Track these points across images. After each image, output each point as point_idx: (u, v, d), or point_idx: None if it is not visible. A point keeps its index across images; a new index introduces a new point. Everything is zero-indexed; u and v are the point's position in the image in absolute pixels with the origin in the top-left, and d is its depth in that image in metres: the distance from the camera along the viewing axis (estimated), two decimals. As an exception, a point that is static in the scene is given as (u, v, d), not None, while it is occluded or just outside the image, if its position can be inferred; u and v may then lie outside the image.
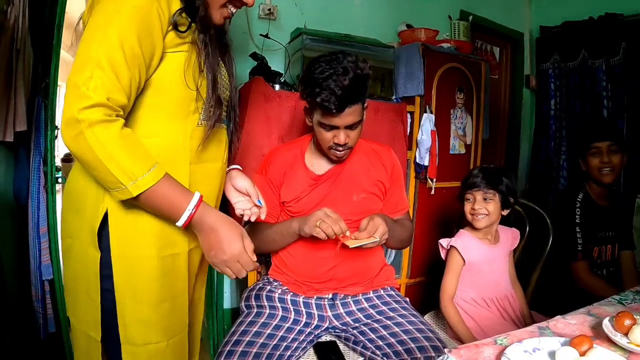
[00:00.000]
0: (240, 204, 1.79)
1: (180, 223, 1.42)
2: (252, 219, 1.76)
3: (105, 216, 1.45)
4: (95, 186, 1.44)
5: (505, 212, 2.54)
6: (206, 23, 1.54)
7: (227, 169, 1.84)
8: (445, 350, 1.32)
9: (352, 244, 1.96)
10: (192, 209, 1.41)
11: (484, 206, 2.46)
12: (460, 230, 2.59)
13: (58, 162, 4.36)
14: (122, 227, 1.46)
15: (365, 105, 2.14)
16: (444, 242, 2.57)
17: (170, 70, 1.47)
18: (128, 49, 1.31)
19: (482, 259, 2.48)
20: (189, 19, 1.48)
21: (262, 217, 1.78)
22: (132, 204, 1.41)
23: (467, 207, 2.53)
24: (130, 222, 1.46)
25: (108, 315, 1.49)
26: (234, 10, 1.64)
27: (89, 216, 1.47)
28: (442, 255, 2.61)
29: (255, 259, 1.52)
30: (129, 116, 1.44)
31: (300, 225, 2.08)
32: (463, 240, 2.50)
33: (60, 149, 4.16)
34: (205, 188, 1.60)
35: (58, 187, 3.08)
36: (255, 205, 1.77)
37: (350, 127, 2.07)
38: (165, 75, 1.47)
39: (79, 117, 1.23)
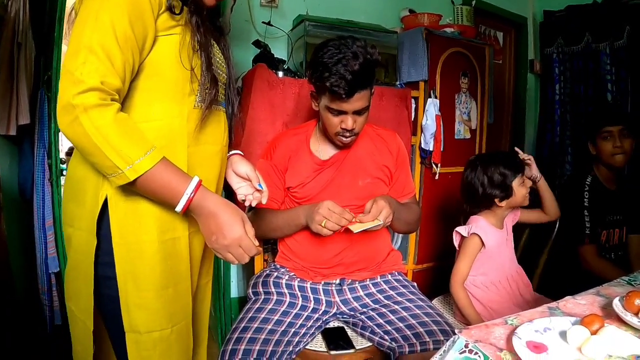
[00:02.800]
0: (242, 190, 1.79)
1: (178, 208, 1.40)
2: (253, 204, 1.74)
3: (105, 203, 1.44)
4: (94, 174, 1.43)
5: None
6: (198, 4, 1.53)
7: (228, 154, 1.83)
8: (456, 331, 1.32)
9: (355, 228, 1.96)
10: (191, 193, 1.39)
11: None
12: (473, 217, 2.57)
13: (62, 154, 4.36)
14: (122, 213, 1.44)
15: (373, 91, 2.12)
16: (462, 230, 2.54)
17: (163, 53, 1.47)
18: (120, 33, 1.31)
19: (495, 244, 2.48)
20: (181, 1, 1.49)
21: (264, 201, 1.76)
22: (131, 189, 1.40)
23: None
24: (130, 208, 1.45)
25: (111, 304, 1.48)
26: None
27: (89, 204, 1.45)
28: (456, 243, 2.60)
29: (257, 243, 1.50)
30: (125, 101, 1.43)
31: (307, 219, 2.09)
32: (483, 226, 2.48)
33: (64, 142, 4.16)
34: (204, 171, 1.60)
35: (63, 179, 3.09)
36: (257, 190, 1.76)
37: (358, 112, 2.06)
38: (159, 58, 1.46)
39: (73, 103, 1.23)
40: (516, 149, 2.61)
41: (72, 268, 1.57)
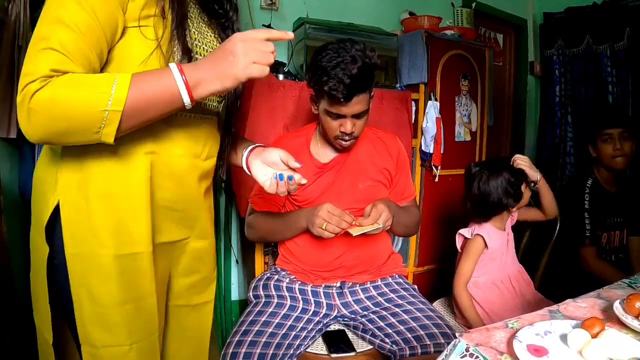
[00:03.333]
0: (271, 183, 1.64)
1: (187, 102, 1.23)
2: (293, 189, 1.65)
3: (58, 210, 1.32)
4: (51, 176, 1.33)
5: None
6: None
7: (248, 147, 1.72)
8: (457, 334, 1.32)
9: (355, 232, 1.96)
10: (182, 81, 1.20)
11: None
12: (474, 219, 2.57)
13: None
14: (75, 223, 1.32)
15: (372, 94, 2.12)
16: (465, 232, 2.54)
17: (129, 47, 1.28)
18: (84, 26, 1.16)
19: (498, 245, 2.48)
20: None
21: (303, 182, 1.65)
22: (85, 199, 1.31)
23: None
24: (83, 218, 1.32)
25: (68, 315, 1.38)
26: None
27: (39, 208, 1.37)
28: (459, 245, 2.59)
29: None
30: None
31: (307, 222, 2.09)
32: (486, 229, 2.48)
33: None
34: (173, 186, 1.46)
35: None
36: (291, 170, 1.65)
37: (357, 116, 2.06)
38: (126, 51, 1.28)
39: (19, 99, 1.11)
40: (516, 158, 2.59)
41: (32, 275, 1.48)
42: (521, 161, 2.50)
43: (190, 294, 1.67)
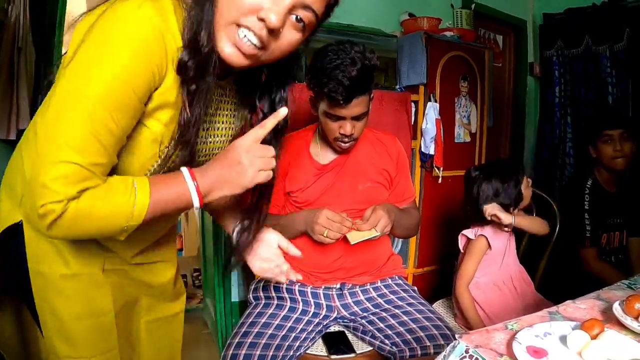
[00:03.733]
0: (269, 273, 1.70)
1: (197, 206, 1.25)
2: (284, 279, 1.71)
3: (18, 228, 1.32)
4: (17, 190, 1.32)
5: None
6: (205, 61, 1.18)
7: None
8: (456, 335, 1.32)
9: (353, 239, 1.98)
10: (194, 187, 1.23)
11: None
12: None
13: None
14: (36, 243, 1.32)
15: (372, 96, 2.12)
16: (469, 233, 2.54)
17: (136, 142, 1.24)
18: (105, 129, 1.10)
19: (500, 246, 2.48)
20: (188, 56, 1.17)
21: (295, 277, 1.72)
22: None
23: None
24: (43, 240, 1.31)
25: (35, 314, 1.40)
26: (253, 38, 1.16)
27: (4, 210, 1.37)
28: (461, 245, 2.59)
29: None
30: None
31: (306, 227, 2.10)
32: (489, 229, 2.49)
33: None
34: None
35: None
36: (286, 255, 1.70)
37: (356, 118, 2.06)
38: (132, 148, 1.24)
39: (40, 212, 1.07)
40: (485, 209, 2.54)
41: None
42: (491, 210, 2.46)
43: (160, 308, 1.67)
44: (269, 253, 1.71)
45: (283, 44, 1.20)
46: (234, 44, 1.16)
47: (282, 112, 1.31)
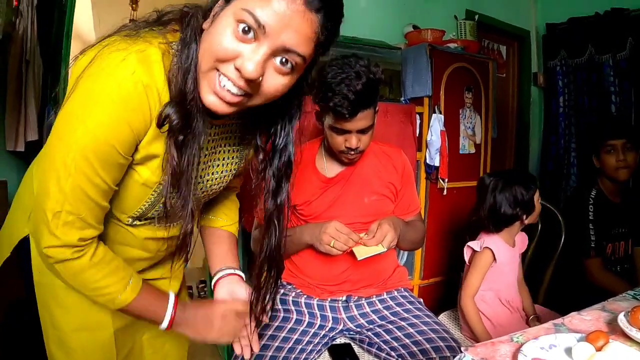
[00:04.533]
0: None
1: (164, 327, 1.37)
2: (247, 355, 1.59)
3: (26, 240, 1.36)
4: (27, 203, 1.34)
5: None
6: (189, 111, 1.15)
7: (224, 272, 1.65)
8: (462, 348, 1.33)
9: (360, 255, 1.98)
10: (171, 313, 1.36)
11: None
12: (484, 232, 2.57)
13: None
14: (38, 257, 1.33)
15: (377, 109, 2.14)
16: (474, 245, 2.54)
17: (126, 187, 1.26)
18: (92, 187, 1.13)
19: (506, 260, 2.48)
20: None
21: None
22: None
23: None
24: None
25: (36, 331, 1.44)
26: (232, 88, 1.09)
27: (12, 225, 1.45)
28: (466, 257, 2.60)
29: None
30: None
31: (312, 240, 2.09)
32: (495, 241, 2.49)
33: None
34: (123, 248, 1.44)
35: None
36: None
37: (362, 131, 2.07)
38: (122, 193, 1.26)
39: (46, 253, 1.16)
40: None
41: None
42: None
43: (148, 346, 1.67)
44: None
45: (269, 90, 1.13)
46: (215, 93, 1.10)
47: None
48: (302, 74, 1.21)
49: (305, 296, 2.26)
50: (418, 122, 3.40)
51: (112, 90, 1.06)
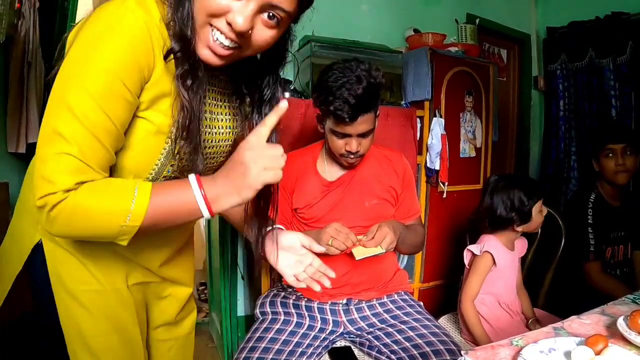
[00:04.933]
0: (290, 269, 1.60)
1: (207, 216, 1.22)
2: (317, 287, 1.57)
3: (39, 247, 1.33)
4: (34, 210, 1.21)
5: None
6: (193, 62, 1.22)
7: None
8: (462, 352, 1.33)
9: (358, 255, 1.99)
10: (201, 196, 1.19)
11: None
12: (485, 235, 2.57)
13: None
14: (59, 261, 1.32)
15: (378, 113, 2.15)
16: (474, 248, 2.55)
17: (138, 136, 1.25)
18: (102, 120, 1.12)
19: (506, 264, 2.48)
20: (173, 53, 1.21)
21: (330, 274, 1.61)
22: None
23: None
24: (67, 256, 1.32)
25: (56, 339, 1.38)
26: (225, 41, 1.19)
27: (20, 233, 1.40)
28: (466, 261, 2.60)
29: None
30: None
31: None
32: (495, 245, 2.49)
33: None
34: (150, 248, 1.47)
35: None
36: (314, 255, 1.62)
37: (362, 135, 2.08)
38: (134, 141, 1.25)
39: (39, 204, 1.10)
40: None
41: None
42: None
43: (171, 327, 1.68)
44: (296, 256, 1.63)
45: (257, 42, 1.23)
46: (208, 46, 1.19)
47: (282, 106, 1.25)
48: (286, 29, 1.31)
49: (305, 299, 2.27)
50: (419, 125, 3.40)
51: (116, 27, 1.11)
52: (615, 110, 4.63)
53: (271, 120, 1.24)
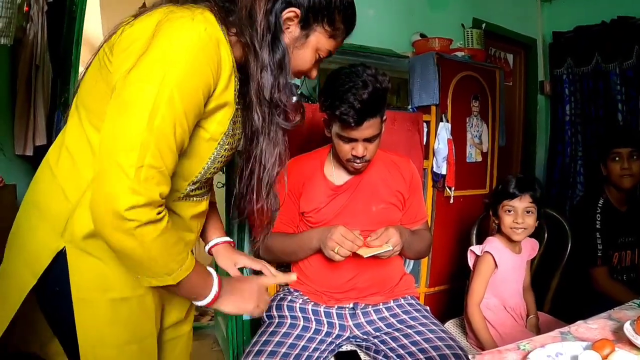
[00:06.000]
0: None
1: (203, 305, 1.42)
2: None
3: (60, 255, 1.31)
4: (60, 216, 1.31)
5: (535, 224, 2.52)
6: (274, 97, 1.41)
7: (210, 244, 1.88)
8: (470, 356, 1.34)
9: (365, 253, 1.99)
10: (216, 291, 1.41)
11: (526, 220, 2.44)
12: (489, 237, 2.58)
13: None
14: (83, 271, 1.32)
15: (384, 118, 2.15)
16: (476, 249, 2.56)
17: (194, 144, 1.34)
18: (179, 129, 1.20)
19: (509, 267, 2.48)
20: (253, 95, 1.39)
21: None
22: (93, 250, 1.31)
23: (508, 219, 2.48)
24: (92, 266, 1.32)
25: (69, 345, 1.37)
26: None
27: (31, 241, 1.36)
28: (470, 263, 2.61)
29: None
30: None
31: (320, 243, 2.10)
32: (497, 247, 2.50)
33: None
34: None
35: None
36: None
37: (368, 140, 2.09)
38: (191, 149, 1.35)
39: (127, 217, 1.10)
40: None
41: None
42: None
43: (178, 325, 1.70)
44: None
45: None
46: None
47: (293, 278, 1.77)
48: None
49: (312, 303, 2.27)
50: (425, 130, 3.40)
51: (190, 40, 1.19)
52: (621, 114, 4.64)
53: (282, 278, 1.72)
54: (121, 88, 1.17)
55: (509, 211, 2.47)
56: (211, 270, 1.42)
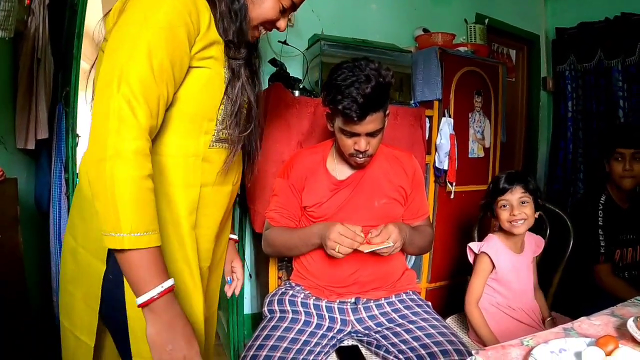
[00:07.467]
0: None
1: (139, 300, 1.24)
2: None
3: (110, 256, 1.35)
4: None
5: (536, 215, 2.50)
6: (240, 39, 1.52)
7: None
8: (473, 352, 1.33)
9: (365, 248, 1.99)
10: (158, 293, 1.25)
11: (522, 210, 2.42)
12: (490, 235, 2.56)
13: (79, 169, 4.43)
14: None
15: (387, 112, 2.14)
16: (474, 246, 2.55)
17: (190, 86, 1.42)
18: (157, 64, 1.25)
19: (509, 267, 2.46)
20: (223, 36, 1.48)
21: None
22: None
23: (504, 214, 2.46)
24: None
25: (119, 328, 1.41)
26: (264, 32, 1.69)
27: (97, 230, 1.33)
28: (470, 259, 2.59)
29: None
30: None
31: (321, 239, 2.10)
32: (494, 246, 2.48)
33: (81, 156, 4.20)
34: (211, 210, 1.59)
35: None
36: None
37: (371, 134, 2.08)
38: (185, 92, 1.41)
39: (108, 143, 1.16)
40: None
41: (69, 282, 1.51)
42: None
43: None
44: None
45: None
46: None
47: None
48: None
49: (313, 298, 2.27)
50: (428, 125, 3.40)
51: None
52: (623, 111, 4.64)
53: None
54: (104, 52, 1.34)
55: (504, 206, 2.45)
56: (170, 280, 1.29)
